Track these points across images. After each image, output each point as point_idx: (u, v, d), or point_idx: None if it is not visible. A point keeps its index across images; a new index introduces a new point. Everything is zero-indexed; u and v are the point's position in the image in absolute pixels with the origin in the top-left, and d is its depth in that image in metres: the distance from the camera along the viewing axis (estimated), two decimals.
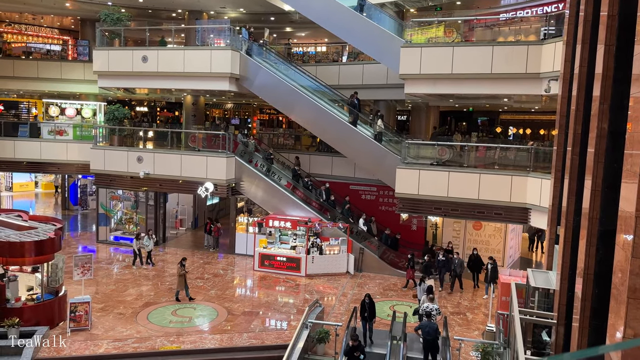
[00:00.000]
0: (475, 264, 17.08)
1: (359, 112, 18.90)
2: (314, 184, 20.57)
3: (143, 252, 18.52)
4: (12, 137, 23.32)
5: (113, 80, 21.13)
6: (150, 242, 18.60)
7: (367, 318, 12.57)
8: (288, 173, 20.80)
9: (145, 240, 18.45)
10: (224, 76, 19.02)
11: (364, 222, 19.51)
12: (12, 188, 32.48)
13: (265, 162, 20.57)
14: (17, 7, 26.98)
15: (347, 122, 18.63)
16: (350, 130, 18.42)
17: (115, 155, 20.54)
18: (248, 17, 24.53)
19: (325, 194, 20.00)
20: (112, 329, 13.00)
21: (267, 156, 20.97)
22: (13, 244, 12.41)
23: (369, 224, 19.67)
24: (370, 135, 18.54)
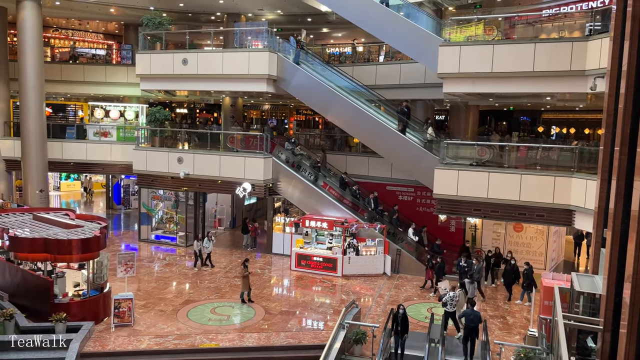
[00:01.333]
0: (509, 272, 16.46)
1: (408, 120, 18.47)
2: (362, 193, 20.26)
3: (203, 254, 18.60)
4: (60, 139, 24.28)
5: (154, 82, 21.68)
6: (210, 243, 18.65)
7: (400, 332, 11.83)
8: (335, 181, 20.58)
9: (206, 242, 18.55)
10: (261, 78, 19.24)
11: (413, 231, 18.81)
12: (59, 187, 33.80)
13: (312, 170, 20.34)
14: (64, 13, 28.03)
15: (383, 122, 18.52)
16: (387, 130, 18.29)
17: (156, 156, 21.07)
18: (285, 18, 24.72)
19: (373, 203, 19.61)
20: (154, 325, 13.34)
21: (314, 164, 20.84)
22: (61, 242, 12.90)
23: (419, 233, 18.99)
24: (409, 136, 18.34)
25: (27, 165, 22.52)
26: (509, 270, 16.48)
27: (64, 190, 33.76)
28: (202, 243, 18.52)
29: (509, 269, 16.51)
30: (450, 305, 13.16)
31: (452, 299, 13.16)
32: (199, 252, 18.54)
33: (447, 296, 13.19)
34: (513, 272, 16.35)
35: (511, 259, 16.64)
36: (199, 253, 18.55)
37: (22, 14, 21.68)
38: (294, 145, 20.84)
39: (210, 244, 18.67)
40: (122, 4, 23.39)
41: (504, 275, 16.86)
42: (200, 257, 18.59)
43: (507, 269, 16.64)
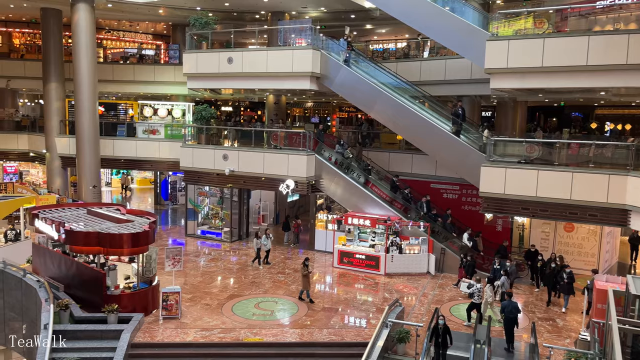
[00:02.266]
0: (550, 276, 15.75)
1: (463, 122, 17.97)
2: (413, 197, 19.91)
3: (262, 251, 18.71)
4: (112, 136, 25.23)
5: (201, 81, 22.16)
6: (268, 241, 18.73)
7: (441, 345, 11.08)
8: (385, 184, 20.36)
9: (264, 239, 18.62)
10: (304, 75, 19.32)
11: (468, 237, 18.18)
12: (110, 183, 35.11)
13: (362, 173, 20.18)
14: (116, 15, 29.03)
15: (427, 119, 18.24)
16: (431, 127, 18.01)
17: (202, 153, 21.54)
18: (329, 15, 24.72)
19: (425, 207, 19.21)
20: (200, 318, 13.66)
21: (365, 167, 20.66)
22: (113, 236, 13.38)
23: (474, 239, 18.36)
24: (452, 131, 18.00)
25: (81, 162, 23.51)
26: (549, 273, 15.77)
27: (114, 185, 35.06)
28: (261, 241, 18.59)
29: (549, 272, 15.83)
30: (478, 296, 13.69)
31: (478, 290, 13.67)
32: (258, 250, 18.64)
33: (474, 287, 13.74)
34: (554, 276, 15.64)
35: (553, 261, 15.99)
36: (259, 251, 18.65)
37: (76, 16, 22.60)
38: (344, 147, 20.61)
39: (269, 241, 18.75)
40: (170, 4, 24.00)
41: (544, 278, 16.27)
42: (259, 254, 18.71)
43: (547, 272, 15.96)
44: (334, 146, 21.21)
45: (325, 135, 22.78)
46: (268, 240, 18.76)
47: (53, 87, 25.77)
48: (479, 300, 13.76)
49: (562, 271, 15.25)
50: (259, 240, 18.64)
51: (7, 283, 14.29)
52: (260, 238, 18.67)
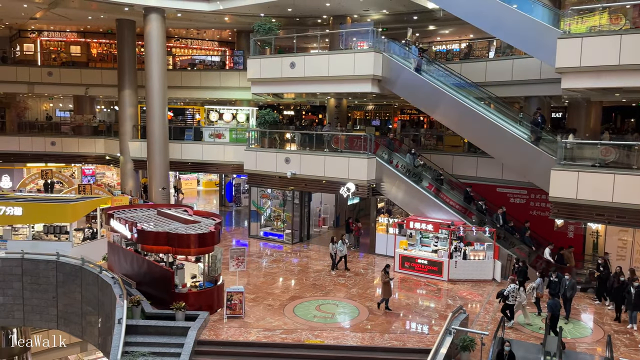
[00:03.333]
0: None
1: (542, 130, 17.11)
2: (489, 208, 19.13)
3: (337, 256, 18.42)
4: (180, 140, 26.31)
5: (264, 86, 22.63)
6: (344, 246, 18.42)
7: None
8: (458, 194, 19.72)
9: (340, 244, 18.32)
10: (366, 78, 19.28)
11: (550, 252, 16.91)
12: None
13: (435, 182, 19.67)
14: (185, 23, 30.26)
15: (494, 120, 17.67)
16: (497, 129, 17.43)
17: (265, 156, 21.99)
18: (391, 18, 24.53)
19: (502, 219, 18.48)
20: (262, 318, 13.93)
21: (437, 177, 20.08)
22: (181, 236, 13.92)
23: (559, 254, 16.84)
24: (520, 134, 17.34)
25: (151, 165, 24.66)
26: (618, 287, 14.54)
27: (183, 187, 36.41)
28: (337, 246, 18.32)
29: (617, 286, 14.58)
30: (512, 297, 13.66)
31: (513, 290, 13.65)
32: (334, 255, 18.43)
33: (509, 288, 13.70)
34: (622, 290, 14.37)
35: (620, 274, 14.87)
36: (334, 255, 18.45)
37: (149, 26, 23.76)
38: (414, 156, 20.13)
39: (344, 246, 18.45)
40: (235, 12, 24.68)
41: (611, 293, 15.14)
42: (334, 260, 18.48)
43: (615, 286, 14.72)
44: (396, 150, 21.00)
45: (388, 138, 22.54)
46: (344, 246, 18.42)
47: (127, 94, 27.23)
48: (513, 302, 13.72)
49: (629, 285, 14.20)
50: (334, 245, 18.33)
51: (85, 279, 15.23)
52: (336, 243, 18.33)
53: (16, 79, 29.99)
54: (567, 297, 14.30)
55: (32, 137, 30.25)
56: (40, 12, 27.26)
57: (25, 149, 29.78)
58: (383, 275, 14.82)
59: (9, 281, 15.69)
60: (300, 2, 22.03)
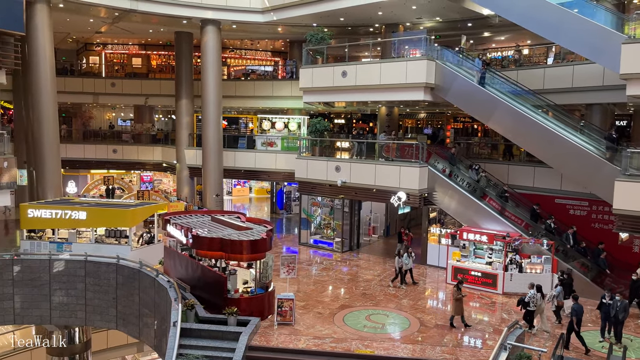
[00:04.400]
0: None
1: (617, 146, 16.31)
2: (558, 227, 18.30)
3: (403, 270, 17.70)
4: (233, 149, 26.93)
5: (316, 95, 22.84)
6: (410, 260, 17.68)
7: None
8: (524, 212, 18.95)
9: (405, 257, 17.58)
10: (418, 86, 19.10)
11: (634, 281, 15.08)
12: (231, 192, 37.36)
13: (499, 199, 18.98)
14: (239, 34, 31.04)
15: (552, 129, 17.04)
16: (556, 137, 16.79)
17: (316, 164, 22.14)
18: (444, 25, 24.22)
19: (572, 239, 17.72)
20: (312, 326, 13.96)
21: (501, 193, 19.27)
22: (234, 242, 14.20)
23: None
24: (582, 143, 16.63)
25: (206, 172, 25.37)
26: None
27: (235, 194, 37.24)
28: (402, 259, 17.58)
29: None
30: (533, 304, 13.63)
31: (533, 296, 13.63)
32: (400, 269, 17.69)
33: (529, 294, 13.69)
34: None
35: None
36: (400, 270, 17.70)
37: (205, 38, 24.56)
38: (477, 171, 19.55)
39: (410, 260, 17.67)
40: (288, 22, 25.10)
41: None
42: (400, 273, 17.72)
43: None
44: (448, 158, 20.62)
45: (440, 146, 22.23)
46: (409, 259, 17.66)
47: (184, 103, 28.19)
48: (533, 308, 13.68)
49: None
50: (400, 258, 17.60)
51: (142, 282, 15.79)
52: (401, 257, 17.63)
53: (82, 89, 31.74)
54: (618, 320, 13.21)
55: (95, 145, 31.83)
56: (105, 26, 28.74)
57: (90, 156, 31.34)
58: (455, 291, 14.18)
59: (72, 282, 16.50)
60: (352, 11, 22.13)
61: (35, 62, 21.17)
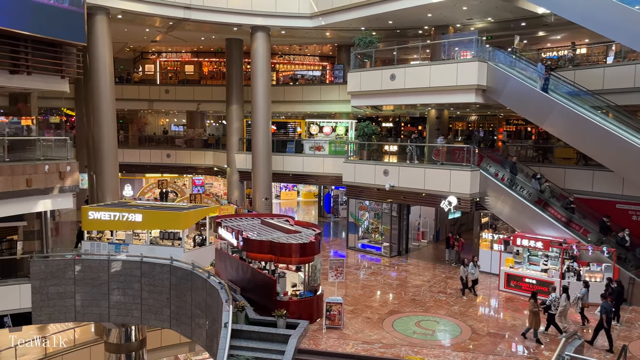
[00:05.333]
0: None
1: None
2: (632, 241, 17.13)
3: (468, 280, 17.07)
4: (282, 153, 27.26)
5: (364, 99, 22.80)
6: (476, 269, 17.04)
7: None
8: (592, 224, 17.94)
9: (471, 267, 16.95)
10: (469, 88, 18.71)
11: None
12: (279, 196, 37.80)
13: (564, 211, 18.05)
14: (288, 40, 31.45)
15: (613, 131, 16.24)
16: (616, 140, 15.99)
17: (364, 168, 22.06)
18: (496, 25, 23.63)
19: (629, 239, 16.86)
20: (361, 331, 13.89)
21: (567, 205, 18.26)
22: (283, 245, 14.34)
23: None
24: None
25: (255, 176, 25.79)
26: None
27: (283, 198, 37.67)
28: (468, 269, 16.95)
29: None
30: (554, 307, 13.56)
31: (555, 300, 13.58)
32: (465, 278, 17.05)
33: (550, 297, 13.66)
34: None
35: None
36: (465, 280, 17.07)
37: (255, 44, 25.02)
38: (539, 180, 18.61)
39: (476, 270, 17.09)
40: (336, 27, 25.20)
41: None
42: (465, 283, 17.11)
43: None
44: (500, 161, 20.07)
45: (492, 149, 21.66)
46: (475, 269, 17.06)
47: (234, 109, 28.80)
48: (555, 311, 13.63)
49: None
50: (465, 267, 16.98)
51: (195, 283, 16.19)
52: (467, 266, 17.03)
53: (138, 96, 33.06)
54: None
55: (150, 150, 33.00)
56: (160, 35, 29.81)
57: (145, 160, 32.52)
58: (532, 303, 13.48)
59: (129, 282, 17.13)
60: (401, 14, 21.96)
61: (96, 71, 22.20)
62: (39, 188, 16.08)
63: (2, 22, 14.97)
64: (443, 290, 17.51)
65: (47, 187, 16.32)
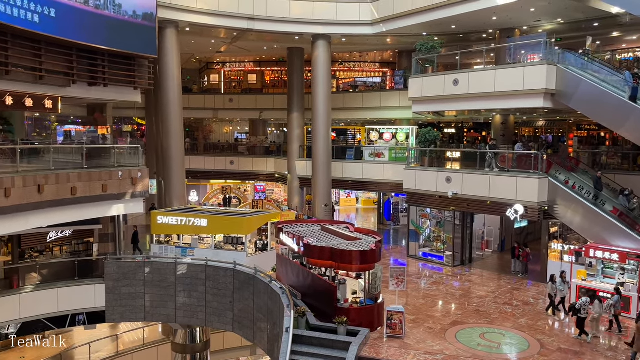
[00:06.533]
0: None
1: None
2: None
3: (556, 298, 15.92)
4: (341, 160, 27.33)
5: (425, 105, 22.48)
6: (565, 286, 15.88)
7: None
8: None
9: (559, 283, 15.82)
10: (538, 93, 18.03)
11: None
12: (338, 202, 37.88)
13: None
14: (348, 47, 31.63)
15: None
16: None
17: (425, 175, 21.70)
18: (566, 27, 22.64)
19: None
20: (423, 341, 13.62)
21: None
22: (343, 252, 14.34)
23: None
24: None
25: (316, 183, 25.99)
26: None
27: (342, 204, 37.71)
28: (556, 285, 15.87)
29: None
30: (584, 310, 13.82)
31: (585, 304, 13.85)
32: (554, 295, 15.94)
33: (580, 301, 13.97)
34: None
35: None
36: (553, 297, 15.96)
37: (316, 52, 25.31)
38: (628, 197, 17.23)
39: (565, 286, 15.94)
40: (397, 33, 25.04)
41: None
42: (553, 301, 16.00)
43: None
44: (572, 169, 19.13)
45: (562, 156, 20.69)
46: (565, 285, 15.92)
47: (295, 116, 29.23)
48: (584, 315, 13.83)
49: None
50: (554, 284, 15.88)
51: (257, 287, 16.50)
52: (555, 282, 15.92)
53: (204, 105, 34.30)
54: None
55: (215, 157, 34.08)
56: (224, 46, 30.83)
57: (210, 167, 33.61)
58: None
59: (195, 285, 17.72)
60: (465, 18, 21.51)
61: (165, 82, 23.24)
62: (113, 193, 16.96)
63: (82, 38, 16.02)
64: (509, 302, 16.86)
65: (120, 193, 17.19)
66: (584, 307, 13.89)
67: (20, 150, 14.49)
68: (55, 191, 14.62)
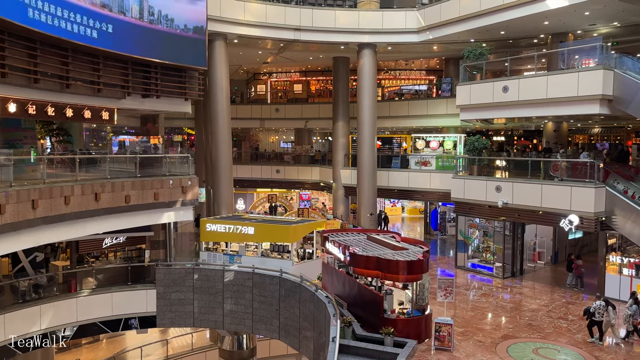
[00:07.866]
0: None
1: None
2: None
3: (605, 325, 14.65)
4: (387, 168, 27.14)
5: (474, 112, 22.04)
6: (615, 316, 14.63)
7: None
8: None
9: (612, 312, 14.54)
10: (593, 99, 17.34)
11: None
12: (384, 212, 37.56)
13: None
14: (394, 55, 31.48)
15: None
16: None
17: (474, 184, 21.23)
18: (623, 30, 21.71)
19: None
20: (473, 355, 13.27)
21: None
22: (390, 262, 14.17)
23: None
24: None
25: (360, 191, 25.90)
26: None
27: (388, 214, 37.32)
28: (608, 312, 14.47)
29: None
30: (599, 314, 14.07)
31: (599, 307, 14.08)
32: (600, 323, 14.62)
33: (594, 305, 14.27)
34: None
35: None
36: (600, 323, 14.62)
37: (362, 61, 25.32)
38: None
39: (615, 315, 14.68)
40: (444, 40, 24.73)
41: None
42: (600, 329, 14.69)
43: None
44: (631, 178, 18.24)
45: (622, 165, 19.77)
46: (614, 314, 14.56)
47: (340, 125, 29.29)
48: (600, 318, 14.00)
49: None
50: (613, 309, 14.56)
51: (303, 295, 16.55)
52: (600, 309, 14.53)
53: (251, 115, 34.91)
54: None
55: (261, 166, 34.59)
56: (271, 56, 31.33)
57: (256, 176, 34.12)
58: None
59: (242, 292, 17.96)
60: (515, 23, 20.99)
61: (214, 93, 23.82)
62: (164, 201, 17.48)
63: (137, 52, 16.67)
64: (564, 317, 16.20)
65: (171, 201, 17.69)
66: (599, 310, 14.14)
67: (79, 159, 15.18)
68: (110, 199, 15.21)
